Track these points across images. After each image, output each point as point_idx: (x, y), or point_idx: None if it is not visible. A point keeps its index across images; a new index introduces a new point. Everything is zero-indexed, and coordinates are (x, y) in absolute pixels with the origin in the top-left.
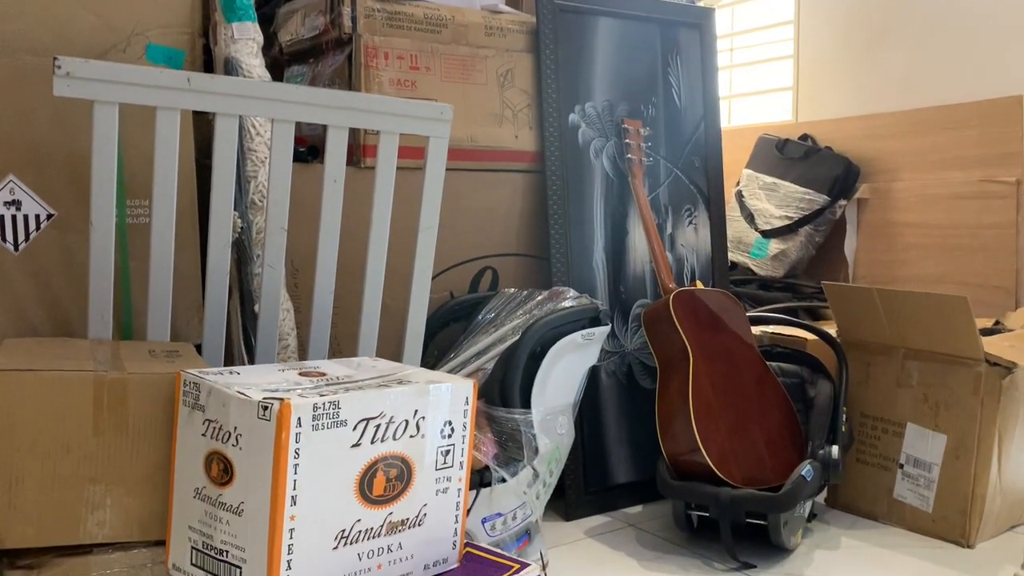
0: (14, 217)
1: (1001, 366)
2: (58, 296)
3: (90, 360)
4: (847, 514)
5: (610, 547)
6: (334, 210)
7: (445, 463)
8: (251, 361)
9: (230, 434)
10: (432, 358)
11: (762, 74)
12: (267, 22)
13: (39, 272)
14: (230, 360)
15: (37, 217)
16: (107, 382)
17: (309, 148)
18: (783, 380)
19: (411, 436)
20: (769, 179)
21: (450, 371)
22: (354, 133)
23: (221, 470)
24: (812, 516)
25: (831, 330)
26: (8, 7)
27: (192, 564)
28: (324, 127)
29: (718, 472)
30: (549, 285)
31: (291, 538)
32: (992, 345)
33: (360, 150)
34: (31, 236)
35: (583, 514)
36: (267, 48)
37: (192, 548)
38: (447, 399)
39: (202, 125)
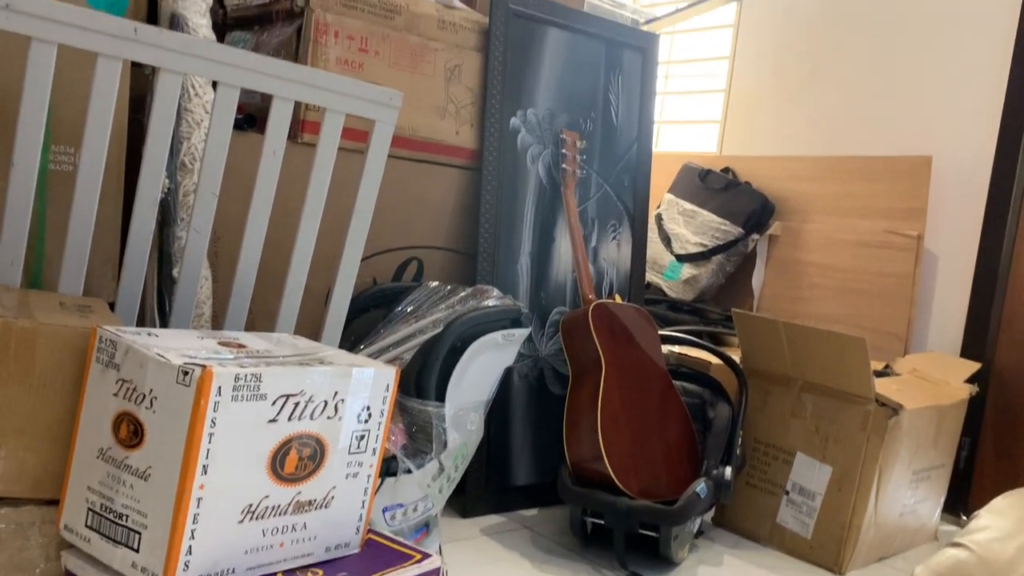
0: None
1: (889, 407)
2: None
3: None
4: (731, 533)
5: (504, 547)
6: (269, 182)
7: (359, 448)
8: (163, 326)
9: (144, 396)
10: (348, 343)
11: (693, 104)
12: None
13: None
14: (141, 323)
15: None
16: (15, 329)
17: (246, 116)
18: (686, 399)
19: (328, 417)
20: (689, 206)
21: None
22: (295, 107)
23: (131, 432)
24: (699, 533)
25: (735, 356)
26: None
27: (87, 526)
28: (264, 97)
29: (617, 482)
30: (473, 282)
31: (197, 507)
32: (882, 386)
33: (299, 125)
34: None
35: (480, 512)
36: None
37: (89, 510)
38: (368, 384)
39: (135, 78)
